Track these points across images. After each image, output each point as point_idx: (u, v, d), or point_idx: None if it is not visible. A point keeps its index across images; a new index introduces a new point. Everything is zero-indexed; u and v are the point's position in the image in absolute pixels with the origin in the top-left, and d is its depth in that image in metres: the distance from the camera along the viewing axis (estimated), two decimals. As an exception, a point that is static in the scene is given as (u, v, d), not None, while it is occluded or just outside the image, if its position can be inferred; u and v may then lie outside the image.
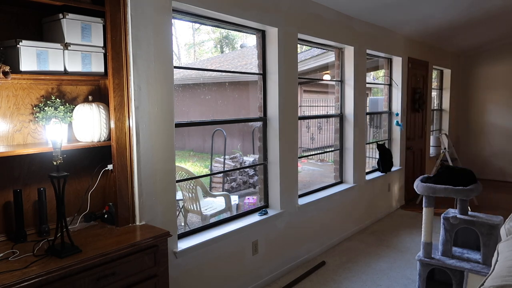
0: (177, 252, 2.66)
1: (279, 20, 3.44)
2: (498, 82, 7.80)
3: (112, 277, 1.90)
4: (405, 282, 3.51)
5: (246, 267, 3.27)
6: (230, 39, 19.20)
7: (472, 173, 3.18)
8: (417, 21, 5.21)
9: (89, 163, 2.33)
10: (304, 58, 8.52)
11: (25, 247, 1.92)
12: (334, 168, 4.89)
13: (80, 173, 2.30)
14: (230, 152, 8.93)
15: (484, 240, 2.94)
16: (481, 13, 5.16)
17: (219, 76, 10.32)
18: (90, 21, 2.13)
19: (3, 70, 1.78)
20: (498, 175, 7.88)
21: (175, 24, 23.43)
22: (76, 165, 2.27)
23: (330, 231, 4.32)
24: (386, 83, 5.89)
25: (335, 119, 4.82)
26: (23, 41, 1.88)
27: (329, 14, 4.10)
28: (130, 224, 2.31)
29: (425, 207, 3.13)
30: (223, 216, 4.26)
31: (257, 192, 5.61)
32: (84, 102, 2.22)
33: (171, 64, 2.59)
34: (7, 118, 2.02)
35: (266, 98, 3.57)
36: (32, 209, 2.11)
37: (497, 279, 1.21)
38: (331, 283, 3.49)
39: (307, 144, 11.29)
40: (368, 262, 3.93)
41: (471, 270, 2.88)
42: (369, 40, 4.88)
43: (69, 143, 2.11)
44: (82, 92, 2.28)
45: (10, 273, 1.65)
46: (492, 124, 7.95)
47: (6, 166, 2.02)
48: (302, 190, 4.18)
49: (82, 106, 2.16)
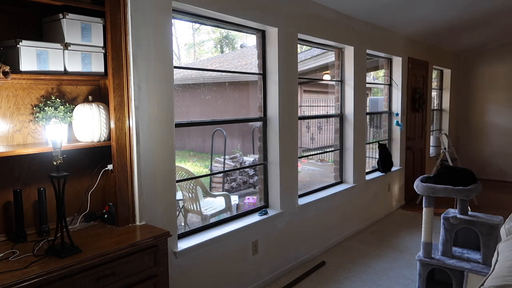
0: (177, 252, 2.66)
1: (279, 20, 3.44)
2: (498, 82, 7.80)
3: (112, 277, 1.90)
4: (405, 282, 3.51)
5: (246, 267, 3.27)
6: (230, 39, 19.20)
7: (472, 173, 3.18)
8: (417, 21, 5.21)
9: (89, 163, 2.33)
10: (304, 58, 8.52)
11: (25, 247, 1.92)
12: (334, 168, 4.89)
13: (80, 173, 2.30)
14: (230, 152, 8.93)
15: (484, 240, 2.94)
16: (481, 13, 5.16)
17: (219, 76, 10.32)
18: (90, 21, 2.13)
19: (3, 70, 1.78)
20: (498, 175, 7.88)
21: (175, 24, 23.42)
22: (76, 165, 2.27)
23: (330, 231, 4.32)
24: (386, 83, 5.89)
25: (335, 119, 4.82)
26: (23, 41, 1.88)
27: (329, 14, 4.10)
28: (130, 224, 2.31)
29: (425, 207, 3.13)
30: (223, 216, 4.25)
31: (257, 192, 5.61)
32: (84, 102, 2.22)
33: (171, 64, 2.59)
34: (7, 118, 2.02)
35: (266, 98, 3.57)
36: (32, 209, 2.11)
37: (497, 279, 1.21)
38: (331, 283, 3.49)
39: (307, 144, 11.29)
40: (368, 262, 3.93)
41: (471, 270, 2.88)
42: (369, 40, 4.88)
43: (69, 143, 2.11)
44: (82, 92, 2.28)
45: (10, 273, 1.65)
46: (492, 124, 7.95)
47: (6, 166, 2.02)
48: (302, 190, 4.18)
49: (82, 106, 2.16)
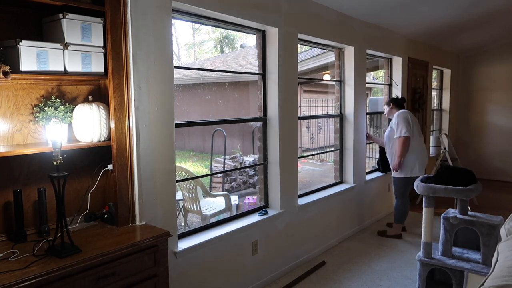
0: (177, 252, 2.66)
1: (279, 20, 3.44)
2: (498, 82, 7.80)
3: (112, 277, 1.90)
4: (405, 282, 3.51)
5: (246, 267, 3.27)
6: (230, 39, 19.20)
7: (472, 173, 3.18)
8: (417, 21, 5.20)
9: (89, 163, 2.33)
10: (304, 58, 8.52)
11: (25, 247, 1.92)
12: (334, 168, 4.89)
13: (80, 173, 2.30)
14: (230, 152, 8.93)
15: (484, 240, 2.94)
16: (481, 13, 5.16)
17: (219, 76, 10.32)
18: (90, 21, 2.13)
19: (3, 70, 1.78)
20: (498, 175, 7.88)
21: (175, 24, 23.43)
22: (76, 165, 2.27)
23: (330, 231, 4.32)
24: (386, 83, 5.89)
25: (335, 119, 4.82)
26: (23, 41, 1.88)
27: (329, 14, 4.10)
28: (130, 224, 2.31)
29: (425, 207, 3.13)
30: (223, 216, 4.25)
31: (257, 192, 5.61)
32: (84, 102, 2.22)
33: (171, 64, 2.58)
34: (7, 118, 2.02)
35: (266, 98, 3.57)
36: (32, 209, 2.11)
37: (497, 279, 1.21)
38: (331, 283, 3.49)
39: (307, 144, 11.29)
40: (368, 262, 3.93)
41: (471, 270, 2.88)
42: (369, 40, 4.88)
43: (69, 143, 2.10)
44: (82, 92, 2.28)
45: (10, 273, 1.65)
46: (492, 124, 7.95)
47: (6, 166, 2.02)
48: (302, 190, 4.18)
49: (82, 106, 2.16)
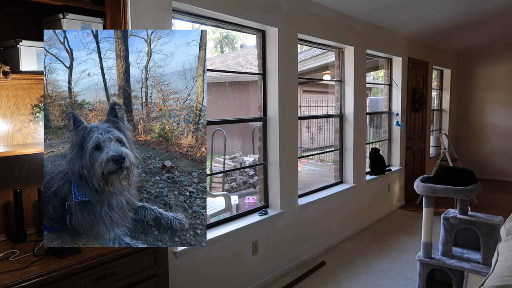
0: (177, 252, 2.66)
1: (279, 20, 3.44)
2: (498, 82, 7.80)
3: (112, 277, 1.90)
4: (405, 282, 3.51)
5: (246, 267, 3.27)
6: (230, 39, 19.19)
7: (472, 173, 3.18)
8: (417, 21, 5.21)
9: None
10: (304, 58, 8.52)
11: (25, 247, 1.92)
12: (334, 168, 4.89)
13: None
14: (230, 152, 8.93)
15: (484, 240, 2.94)
16: (481, 13, 5.16)
17: (219, 76, 10.31)
18: (90, 21, 2.13)
19: (3, 70, 1.78)
20: (498, 175, 7.88)
21: (175, 24, 23.38)
22: (76, 165, 2.26)
23: (330, 231, 4.32)
24: (386, 83, 5.89)
25: (335, 119, 4.82)
26: (23, 41, 1.88)
27: (329, 14, 4.10)
28: (130, 224, 2.31)
29: (425, 207, 3.13)
30: (223, 216, 4.25)
31: (257, 192, 5.61)
32: (84, 102, 2.22)
33: (171, 64, 2.58)
34: (7, 118, 2.02)
35: (266, 98, 3.57)
36: (32, 209, 2.11)
37: (497, 279, 1.21)
38: (331, 283, 3.49)
39: (307, 144, 11.29)
40: (368, 262, 3.93)
41: (471, 270, 2.88)
42: (369, 40, 4.88)
43: (69, 143, 2.10)
44: (82, 92, 2.28)
45: (10, 273, 1.65)
46: (492, 124, 7.95)
47: (6, 166, 2.02)
48: (302, 190, 4.18)
49: (82, 106, 2.16)
